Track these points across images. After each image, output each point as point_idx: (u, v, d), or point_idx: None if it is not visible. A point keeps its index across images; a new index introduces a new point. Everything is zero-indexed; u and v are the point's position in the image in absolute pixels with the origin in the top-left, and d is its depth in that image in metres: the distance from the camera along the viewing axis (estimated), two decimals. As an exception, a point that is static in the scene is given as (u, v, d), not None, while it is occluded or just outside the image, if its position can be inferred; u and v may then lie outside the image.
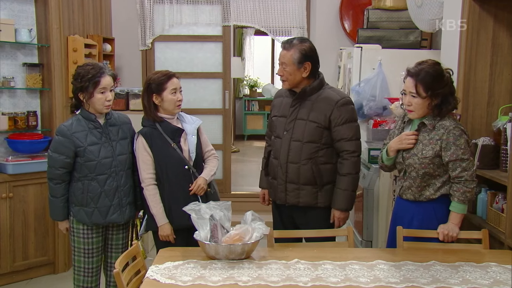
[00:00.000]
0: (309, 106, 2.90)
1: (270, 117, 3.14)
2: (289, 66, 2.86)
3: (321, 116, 2.87)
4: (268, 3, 5.42)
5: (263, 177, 3.23)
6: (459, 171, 2.54)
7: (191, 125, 3.00)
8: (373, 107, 4.09)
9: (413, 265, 2.34)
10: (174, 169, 2.90)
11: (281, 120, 2.98)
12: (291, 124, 2.92)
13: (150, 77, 2.93)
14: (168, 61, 5.55)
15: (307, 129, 2.88)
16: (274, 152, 3.01)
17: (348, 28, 5.19)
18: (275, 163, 2.98)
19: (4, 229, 3.83)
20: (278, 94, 3.14)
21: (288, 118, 2.94)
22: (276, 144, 2.99)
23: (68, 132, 2.80)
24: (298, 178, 2.91)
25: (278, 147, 2.96)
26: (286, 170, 2.92)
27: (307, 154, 2.89)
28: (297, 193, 2.92)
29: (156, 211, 2.87)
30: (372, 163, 3.75)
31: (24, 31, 3.95)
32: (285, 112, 2.97)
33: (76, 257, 2.92)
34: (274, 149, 3.02)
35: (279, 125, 2.99)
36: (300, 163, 2.89)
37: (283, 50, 2.90)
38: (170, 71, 2.95)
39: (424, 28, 3.86)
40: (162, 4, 5.42)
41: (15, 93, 4.08)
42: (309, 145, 2.88)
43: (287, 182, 2.93)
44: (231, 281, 2.15)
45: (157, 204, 2.88)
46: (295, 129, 2.91)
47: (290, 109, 2.94)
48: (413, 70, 2.59)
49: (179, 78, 2.98)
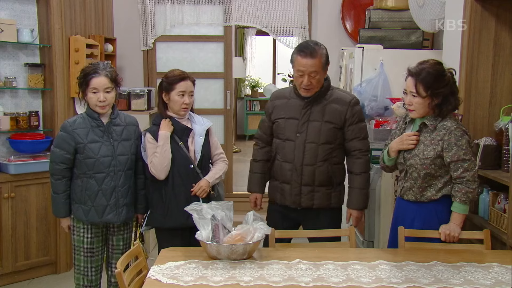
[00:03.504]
0: (321, 107, 2.89)
1: (268, 120, 3.04)
2: (319, 74, 2.81)
3: (337, 116, 2.88)
4: (269, 3, 5.42)
5: (256, 180, 3.12)
6: (460, 172, 2.54)
7: (200, 126, 3.01)
8: (375, 107, 4.08)
9: (415, 266, 2.34)
10: (179, 167, 2.90)
11: (291, 122, 2.91)
12: (304, 126, 2.88)
13: (166, 74, 2.97)
14: (169, 61, 5.55)
15: (323, 130, 2.87)
16: (283, 156, 2.93)
17: (349, 28, 5.19)
18: (287, 167, 2.91)
19: (6, 229, 3.84)
20: (279, 95, 3.05)
21: (300, 120, 2.89)
22: (286, 147, 2.92)
23: (70, 128, 2.83)
24: (313, 180, 2.90)
25: (290, 150, 2.90)
26: (301, 172, 2.88)
27: (323, 156, 2.88)
28: (312, 195, 2.91)
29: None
30: (373, 163, 3.74)
31: (26, 31, 3.96)
32: (295, 114, 2.91)
33: (76, 256, 2.94)
34: (283, 152, 2.93)
35: (289, 128, 2.91)
36: (316, 165, 2.88)
37: (309, 58, 2.76)
38: (185, 74, 2.95)
39: (426, 28, 3.85)
40: (164, 4, 5.42)
41: (17, 93, 4.08)
42: (325, 146, 2.88)
43: (302, 184, 2.90)
44: (233, 281, 2.15)
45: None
46: (309, 130, 2.88)
47: (302, 110, 2.89)
48: (414, 70, 2.59)
49: (194, 81, 2.98)
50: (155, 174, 2.89)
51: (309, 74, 2.79)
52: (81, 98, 2.90)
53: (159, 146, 2.87)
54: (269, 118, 3.03)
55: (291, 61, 2.89)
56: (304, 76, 2.80)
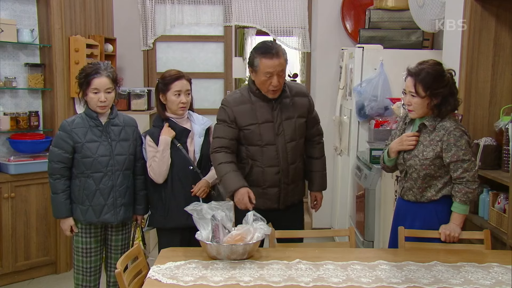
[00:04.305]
0: (288, 104, 2.87)
1: (235, 126, 2.81)
2: (284, 72, 2.80)
3: (304, 109, 2.94)
4: (269, 3, 5.43)
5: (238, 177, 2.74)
6: (460, 172, 2.54)
7: (199, 126, 3.02)
8: (375, 107, 4.09)
9: (415, 266, 2.34)
10: (178, 169, 2.92)
11: (266, 126, 2.82)
12: (281, 127, 2.84)
13: (162, 75, 2.98)
14: (169, 61, 5.56)
15: (297, 126, 2.90)
16: (265, 161, 2.83)
17: (349, 28, 5.19)
18: (273, 171, 2.85)
19: (6, 229, 3.84)
20: (237, 101, 2.84)
21: (275, 122, 2.84)
22: (267, 152, 2.82)
23: (68, 127, 2.84)
24: (297, 177, 2.95)
25: (273, 154, 2.83)
26: (288, 173, 2.87)
27: (300, 151, 2.97)
28: (294, 192, 2.96)
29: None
30: (373, 163, 3.74)
31: (26, 31, 3.96)
32: (268, 117, 2.82)
33: (75, 256, 2.94)
34: (264, 158, 2.83)
35: (265, 132, 2.81)
36: (297, 162, 2.93)
37: (276, 59, 2.71)
38: (180, 73, 2.95)
39: (426, 28, 3.85)
40: (164, 4, 5.43)
41: (17, 93, 4.08)
42: (300, 141, 2.95)
43: (289, 184, 2.90)
44: (233, 281, 2.15)
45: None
46: (286, 130, 2.86)
47: (274, 112, 2.83)
48: (414, 70, 2.59)
49: (190, 80, 2.98)
50: (153, 178, 2.91)
51: (278, 74, 2.74)
52: (81, 98, 2.91)
53: (159, 151, 2.88)
54: (234, 125, 2.82)
55: (252, 65, 2.77)
56: (273, 77, 2.74)
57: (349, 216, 4.50)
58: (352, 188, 4.38)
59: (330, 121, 5.04)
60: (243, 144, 2.86)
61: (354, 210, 4.29)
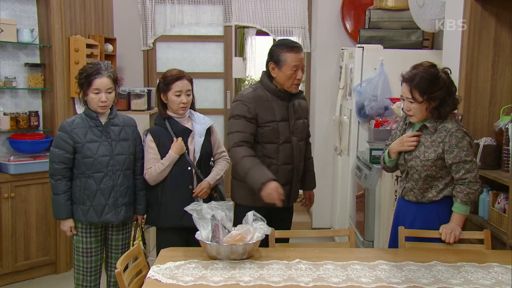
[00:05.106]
0: (297, 105, 2.96)
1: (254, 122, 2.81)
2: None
3: (306, 111, 3.07)
4: (269, 3, 5.43)
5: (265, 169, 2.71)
6: (462, 173, 2.54)
7: (200, 125, 3.02)
8: (375, 107, 4.09)
9: (415, 266, 2.34)
10: (176, 169, 2.92)
11: (283, 125, 2.87)
12: (295, 126, 2.93)
13: (163, 75, 3.00)
14: (169, 61, 5.56)
15: (305, 127, 3.03)
16: (282, 159, 2.87)
17: (349, 28, 5.19)
18: (287, 169, 2.91)
19: (6, 229, 3.84)
20: (256, 98, 2.83)
21: (291, 121, 2.90)
22: (284, 150, 2.88)
23: (68, 128, 2.84)
24: (300, 176, 3.06)
25: (289, 152, 2.90)
26: (298, 171, 2.99)
27: (304, 150, 3.07)
28: (296, 190, 3.06)
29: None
30: (373, 163, 3.74)
31: (26, 31, 3.96)
32: (283, 116, 2.87)
33: (76, 256, 2.95)
34: (280, 155, 2.87)
35: (283, 130, 2.87)
36: (303, 161, 3.05)
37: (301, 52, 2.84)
38: (181, 73, 2.95)
39: (426, 28, 3.85)
40: (164, 4, 5.43)
41: (17, 93, 4.08)
42: (304, 142, 3.06)
43: (297, 182, 3.03)
44: (233, 281, 2.15)
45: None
46: (298, 130, 2.95)
47: (289, 111, 2.90)
48: (407, 75, 2.56)
49: (191, 80, 2.99)
50: (148, 180, 2.96)
51: (302, 68, 2.85)
52: (81, 98, 2.91)
53: (163, 164, 2.90)
54: (254, 121, 2.82)
55: (278, 61, 2.79)
56: (298, 70, 2.84)
57: (349, 216, 4.50)
58: (352, 188, 4.37)
59: (330, 121, 5.04)
60: (259, 142, 2.87)
61: (354, 210, 4.28)
